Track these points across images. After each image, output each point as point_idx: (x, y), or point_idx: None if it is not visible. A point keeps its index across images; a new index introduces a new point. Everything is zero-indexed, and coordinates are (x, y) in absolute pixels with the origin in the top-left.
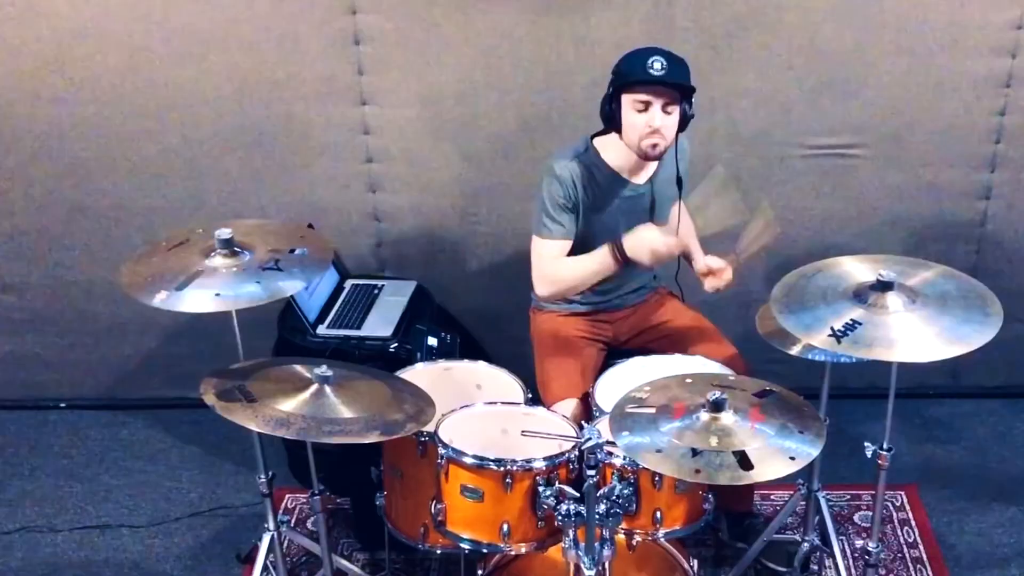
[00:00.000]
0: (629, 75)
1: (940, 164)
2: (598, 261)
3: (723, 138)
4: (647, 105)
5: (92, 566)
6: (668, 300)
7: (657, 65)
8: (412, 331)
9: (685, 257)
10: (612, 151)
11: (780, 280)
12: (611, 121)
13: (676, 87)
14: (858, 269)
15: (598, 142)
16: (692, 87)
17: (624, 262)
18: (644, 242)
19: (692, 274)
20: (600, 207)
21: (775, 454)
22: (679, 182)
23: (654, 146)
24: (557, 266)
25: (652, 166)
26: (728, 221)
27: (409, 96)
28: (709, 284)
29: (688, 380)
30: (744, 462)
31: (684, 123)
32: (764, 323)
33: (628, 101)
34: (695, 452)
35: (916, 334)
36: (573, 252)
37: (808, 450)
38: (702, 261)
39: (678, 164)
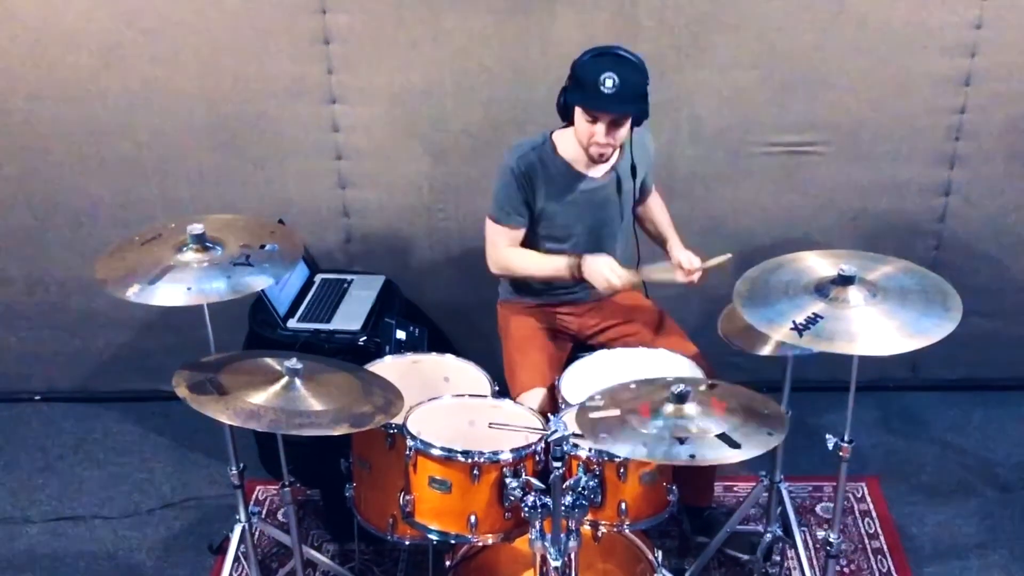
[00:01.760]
0: (580, 89)
1: (900, 161)
2: (552, 267)
3: (687, 135)
4: (595, 119)
5: (66, 557)
6: (632, 295)
7: (609, 83)
8: (381, 325)
9: (661, 246)
10: (570, 145)
11: (743, 275)
12: (565, 116)
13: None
14: (820, 264)
15: (557, 136)
16: (640, 110)
17: (578, 280)
18: (601, 271)
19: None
20: (558, 199)
21: (752, 433)
22: (633, 170)
23: (600, 155)
24: (510, 255)
25: (622, 135)
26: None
27: (378, 94)
28: (680, 277)
29: (632, 386)
30: (729, 441)
31: (638, 121)
32: (726, 325)
33: (579, 110)
34: (681, 441)
35: (877, 328)
36: (530, 237)
37: (777, 428)
38: (680, 256)
39: (632, 154)
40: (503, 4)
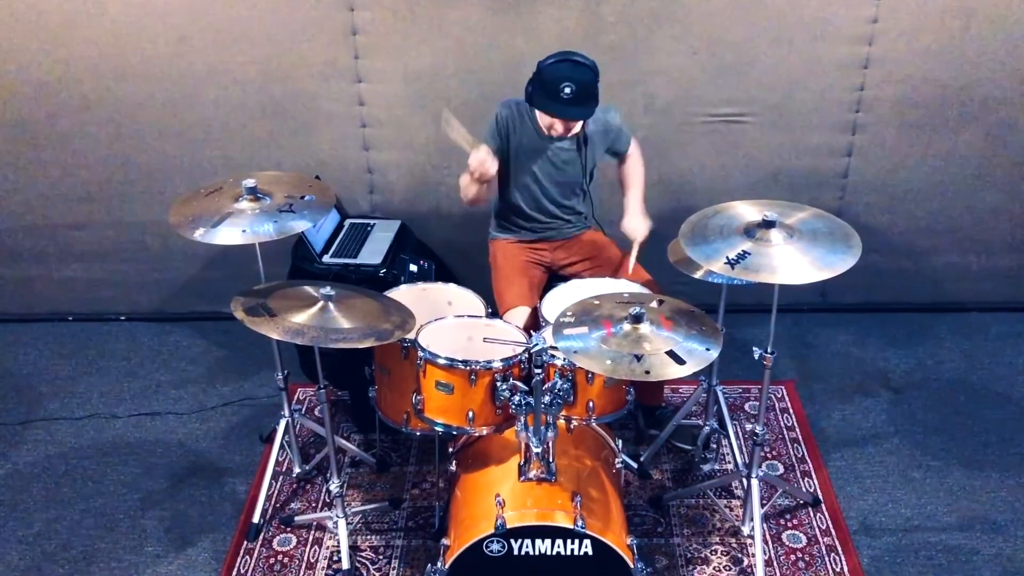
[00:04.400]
0: (543, 91)
1: (812, 128)
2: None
3: (641, 108)
4: (551, 116)
5: (145, 445)
6: (595, 234)
7: (568, 90)
8: (397, 260)
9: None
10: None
11: (686, 219)
12: (531, 103)
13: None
14: (748, 211)
15: None
16: (590, 112)
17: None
18: (474, 156)
19: (610, 215)
20: (528, 153)
21: (693, 350)
22: (585, 139)
23: (558, 137)
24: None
25: (576, 128)
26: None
27: (395, 75)
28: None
29: (596, 302)
30: (677, 359)
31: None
32: (674, 253)
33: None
34: (638, 357)
35: (793, 262)
36: (505, 179)
37: (714, 343)
38: (626, 227)
39: (585, 129)
40: (495, 3)
